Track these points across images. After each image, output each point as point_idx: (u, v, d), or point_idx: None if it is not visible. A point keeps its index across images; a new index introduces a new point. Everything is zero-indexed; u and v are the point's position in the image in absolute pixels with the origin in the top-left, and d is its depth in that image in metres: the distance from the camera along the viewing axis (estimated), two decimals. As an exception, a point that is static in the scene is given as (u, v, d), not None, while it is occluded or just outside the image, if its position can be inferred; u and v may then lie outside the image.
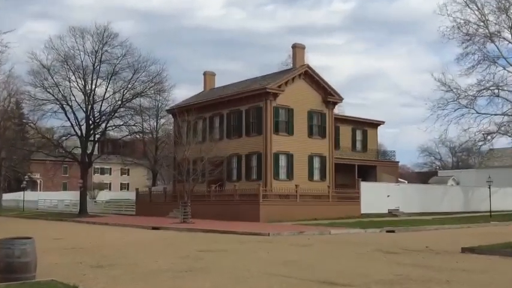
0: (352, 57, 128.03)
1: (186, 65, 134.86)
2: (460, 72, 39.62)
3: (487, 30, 37.84)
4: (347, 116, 43.65)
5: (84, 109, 42.14)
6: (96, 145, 47.12)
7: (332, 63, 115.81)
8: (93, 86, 42.16)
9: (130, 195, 51.30)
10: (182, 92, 75.21)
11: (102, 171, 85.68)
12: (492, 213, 37.64)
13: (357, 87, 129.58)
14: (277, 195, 32.43)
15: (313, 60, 67.59)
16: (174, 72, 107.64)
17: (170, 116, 47.20)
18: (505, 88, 38.89)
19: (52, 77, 41.41)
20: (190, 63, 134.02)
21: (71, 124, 42.35)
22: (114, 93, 42.91)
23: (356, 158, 40.73)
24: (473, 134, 40.29)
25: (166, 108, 49.58)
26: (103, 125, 43.63)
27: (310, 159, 36.21)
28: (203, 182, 35.07)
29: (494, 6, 37.51)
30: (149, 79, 43.68)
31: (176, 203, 34.83)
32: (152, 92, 46.24)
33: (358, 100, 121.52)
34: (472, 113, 39.78)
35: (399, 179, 44.85)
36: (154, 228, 26.76)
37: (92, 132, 43.03)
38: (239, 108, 36.44)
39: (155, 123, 56.08)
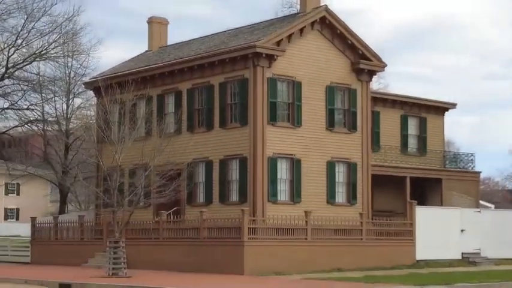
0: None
1: (119, 5, 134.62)
2: None
3: None
4: (393, 95, 43.96)
5: None
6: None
7: (367, 7, 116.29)
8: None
9: (22, 228, 50.98)
10: (113, 54, 75.31)
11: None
12: None
13: (409, 47, 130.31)
14: (274, 228, 32.50)
15: (336, 0, 67.16)
16: (98, 18, 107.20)
17: (91, 93, 47.10)
18: None
19: None
20: (127, 2, 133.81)
21: None
22: (-6, 54, 42.95)
23: (408, 166, 40.98)
24: None
25: (85, 80, 49.42)
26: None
27: (331, 167, 36.37)
28: (147, 206, 35.10)
29: None
30: (53, 29, 43.61)
31: (101, 243, 34.76)
32: (60, 51, 46.05)
33: (412, 68, 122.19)
34: None
35: (481, 202, 44.98)
36: (62, 286, 26.70)
37: (-44, 121, 43.03)
38: (209, 81, 36.47)
39: (65, 106, 55.90)
